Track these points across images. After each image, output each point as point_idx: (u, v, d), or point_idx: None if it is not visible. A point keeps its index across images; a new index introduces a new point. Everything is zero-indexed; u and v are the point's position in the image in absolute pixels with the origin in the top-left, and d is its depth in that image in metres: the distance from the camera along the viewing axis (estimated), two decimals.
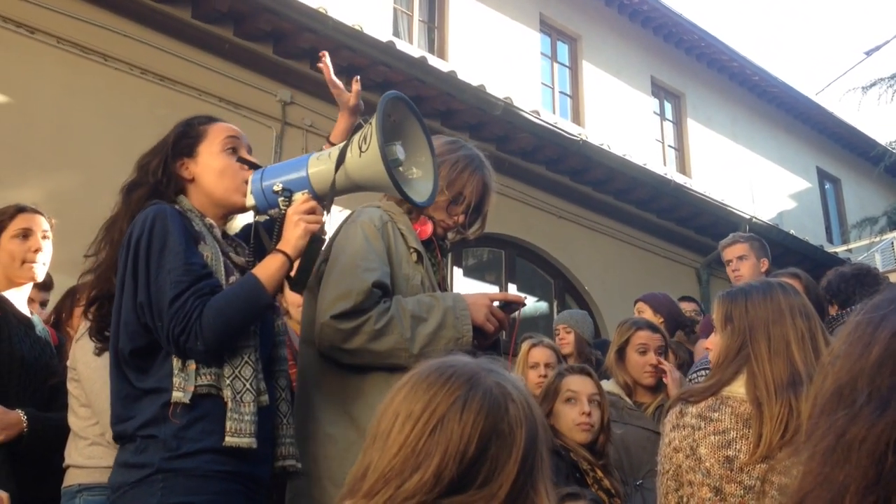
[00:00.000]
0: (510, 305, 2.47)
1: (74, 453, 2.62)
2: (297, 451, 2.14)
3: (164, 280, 1.90)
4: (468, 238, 2.68)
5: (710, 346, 2.30)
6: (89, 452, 2.59)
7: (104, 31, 5.71)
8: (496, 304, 2.42)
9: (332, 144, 2.49)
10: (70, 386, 2.71)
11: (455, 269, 7.65)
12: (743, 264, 4.41)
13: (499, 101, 7.38)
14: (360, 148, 1.97)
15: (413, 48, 8.02)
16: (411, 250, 2.44)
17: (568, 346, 4.77)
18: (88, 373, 2.64)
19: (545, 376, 3.80)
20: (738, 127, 12.50)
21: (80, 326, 2.83)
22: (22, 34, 5.38)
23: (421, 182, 2.13)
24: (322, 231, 2.06)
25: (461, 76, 7.24)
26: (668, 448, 2.15)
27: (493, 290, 7.97)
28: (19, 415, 2.60)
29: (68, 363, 2.78)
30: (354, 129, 2.03)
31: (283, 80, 6.53)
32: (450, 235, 2.65)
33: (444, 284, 2.59)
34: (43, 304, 3.54)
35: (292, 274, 2.10)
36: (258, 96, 6.32)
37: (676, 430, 2.15)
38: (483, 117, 7.45)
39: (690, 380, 3.47)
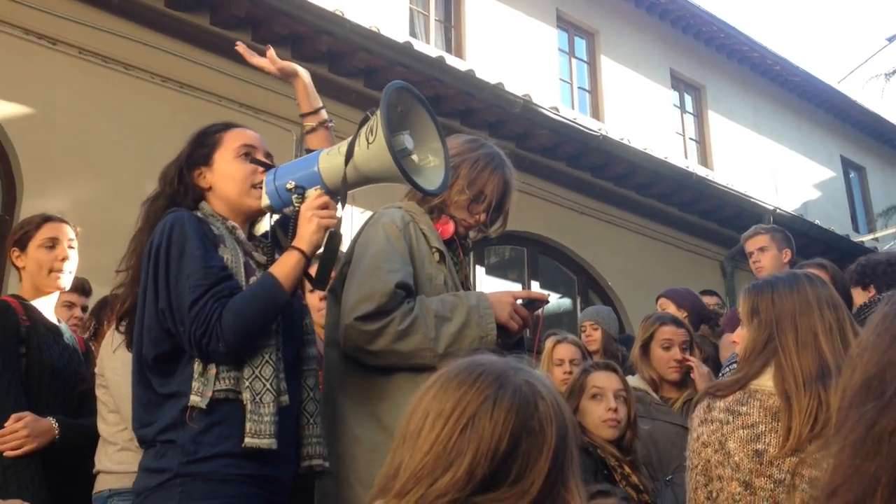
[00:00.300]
0: (534, 303, 2.47)
1: (104, 459, 2.65)
2: (325, 450, 2.14)
3: (184, 285, 1.92)
4: (490, 236, 2.67)
5: (737, 339, 2.28)
6: (119, 458, 2.62)
7: (125, 41, 5.76)
8: (520, 301, 2.42)
9: (303, 116, 2.51)
10: (98, 392, 2.74)
11: (477, 267, 7.65)
12: (764, 256, 4.38)
13: (517, 98, 7.36)
14: (367, 140, 1.98)
15: (430, 48, 8.02)
16: (433, 250, 2.45)
17: (595, 343, 4.75)
18: (116, 379, 2.67)
19: (570, 373, 3.78)
20: (760, 117, 12.39)
21: (107, 334, 2.87)
22: (44, 45, 5.44)
23: (434, 171, 2.13)
24: (338, 226, 2.06)
25: (479, 75, 7.23)
26: (697, 443, 2.14)
27: (516, 287, 7.96)
28: (51, 422, 2.63)
29: (96, 370, 2.81)
30: (362, 122, 2.03)
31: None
32: (472, 234, 2.64)
33: (467, 283, 2.59)
34: (84, 308, 3.60)
35: (312, 273, 2.11)
36: (277, 100, 6.33)
37: (704, 425, 2.13)
38: (502, 115, 7.44)
39: (723, 375, 3.44)
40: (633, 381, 3.38)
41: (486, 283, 7.63)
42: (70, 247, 2.91)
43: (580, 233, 8.43)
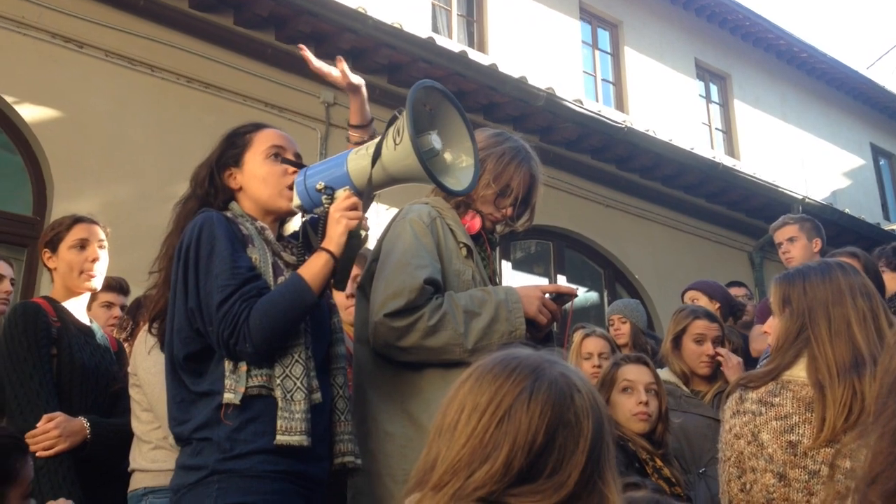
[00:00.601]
0: (562, 297, 2.46)
1: (139, 457, 2.68)
2: (356, 447, 2.15)
3: (212, 285, 1.94)
4: (517, 230, 2.66)
5: (768, 329, 2.25)
6: (153, 456, 2.65)
7: (150, 43, 5.81)
8: (548, 296, 2.41)
9: (353, 127, 2.50)
10: (132, 391, 2.77)
11: (503, 262, 7.64)
12: (793, 246, 4.33)
13: (541, 91, 7.33)
14: (394, 141, 1.97)
15: (453, 43, 8.01)
16: (461, 245, 2.44)
17: (623, 337, 4.72)
18: (149, 378, 2.69)
19: (599, 367, 3.77)
20: (788, 106, 12.25)
21: (140, 334, 2.89)
22: (71, 49, 5.51)
23: (464, 170, 2.12)
24: (362, 227, 2.06)
25: (502, 69, 7.21)
26: (729, 435, 2.12)
27: (543, 282, 7.94)
28: (82, 422, 2.65)
29: (129, 369, 2.84)
30: (390, 121, 2.03)
31: (325, 81, 6.56)
32: (498, 228, 2.64)
33: (494, 278, 2.59)
34: (123, 308, 3.63)
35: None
36: (302, 99, 6.38)
37: (737, 417, 2.11)
38: (526, 109, 7.41)
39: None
40: (662, 374, 3.36)
41: (513, 277, 7.62)
42: (100, 247, 2.94)
43: (606, 226, 8.39)
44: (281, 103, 6.24)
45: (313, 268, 2.00)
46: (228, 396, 1.90)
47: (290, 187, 2.16)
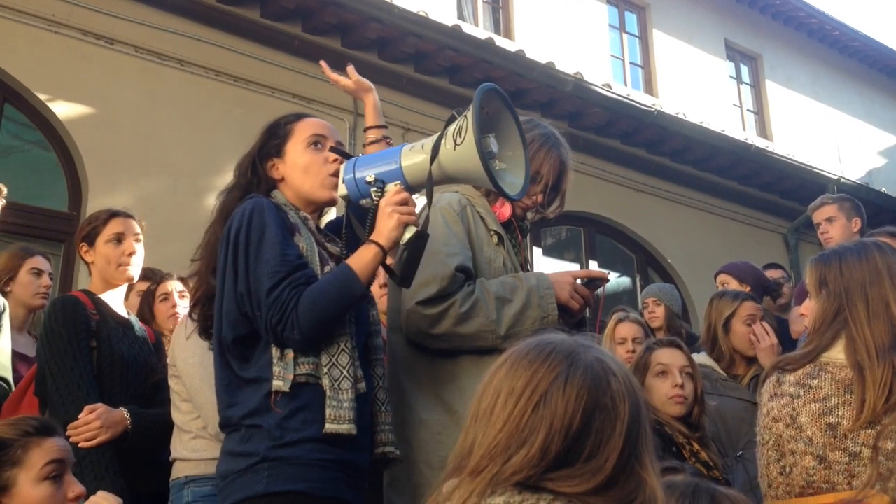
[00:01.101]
0: (594, 282, 2.46)
1: (179, 447, 2.72)
2: (394, 437, 2.17)
3: (262, 271, 1.95)
4: (548, 217, 2.66)
5: (805, 312, 2.23)
6: (193, 445, 2.68)
7: (179, 37, 5.86)
8: (579, 281, 2.41)
9: (372, 129, 2.57)
10: (171, 382, 2.80)
11: (534, 249, 7.62)
12: (832, 226, 4.27)
13: (569, 77, 7.28)
14: (454, 140, 1.97)
15: (479, 30, 7.99)
16: (491, 233, 2.45)
17: (658, 320, 4.70)
18: (188, 369, 2.72)
19: (633, 352, 3.75)
20: (820, 85, 12.05)
21: (178, 325, 2.93)
22: (102, 46, 5.57)
23: (512, 173, 2.11)
24: (425, 226, 2.07)
25: (529, 55, 7.17)
26: (767, 418, 2.10)
27: (574, 268, 7.91)
28: (123, 413, 2.69)
29: (168, 360, 2.87)
30: (448, 120, 2.03)
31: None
32: (529, 215, 2.64)
33: (526, 265, 2.59)
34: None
35: (393, 268, 2.13)
36: (330, 90, 6.29)
37: (775, 400, 2.09)
38: (554, 95, 7.37)
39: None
40: (698, 358, 3.35)
41: (544, 264, 7.60)
42: (136, 241, 2.97)
43: (637, 210, 8.33)
44: (309, 94, 6.26)
45: (362, 259, 2.00)
46: (278, 384, 1.92)
47: (333, 175, 2.17)
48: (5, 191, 3.52)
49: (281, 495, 1.88)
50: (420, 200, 2.12)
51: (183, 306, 3.38)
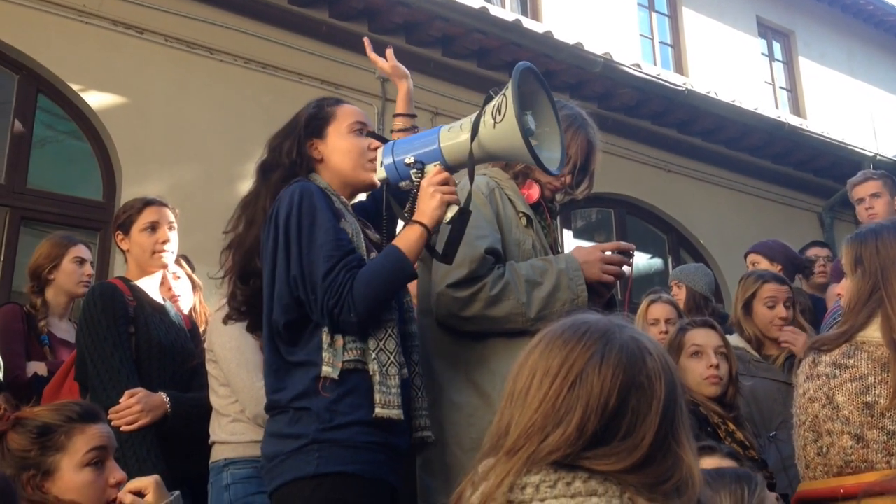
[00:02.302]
0: (622, 253, 2.45)
1: (218, 430, 2.76)
2: (430, 422, 2.19)
3: (316, 255, 1.98)
4: (577, 198, 2.66)
5: (842, 291, 2.20)
6: (232, 429, 2.72)
7: (208, 26, 5.89)
8: (607, 254, 2.41)
9: (401, 116, 2.58)
10: (209, 367, 2.84)
11: (564, 231, 7.59)
12: (877, 202, 4.20)
13: (598, 57, 7.22)
14: (493, 119, 1.99)
15: (506, 12, 7.93)
16: (520, 215, 2.45)
17: (679, 303, 4.66)
18: (224, 353, 2.76)
19: (666, 332, 3.73)
20: (855, 61, 11.82)
21: (215, 311, 2.97)
22: (132, 35, 5.61)
23: (548, 149, 2.13)
24: (467, 202, 2.08)
25: (557, 36, 7.11)
26: (803, 399, 2.08)
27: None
28: (162, 397, 2.73)
29: (206, 345, 2.92)
30: (486, 100, 2.04)
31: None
32: (558, 197, 2.63)
33: (555, 247, 2.59)
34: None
35: (436, 247, 2.14)
36: (357, 75, 6.39)
37: (810, 381, 2.07)
38: (583, 76, 7.31)
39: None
40: (731, 340, 3.32)
41: (575, 245, 7.55)
42: (170, 229, 3.02)
43: (668, 191, 8.25)
44: (337, 80, 6.27)
45: (409, 240, 2.02)
46: (327, 370, 1.95)
47: (373, 161, 2.19)
48: None
49: (331, 476, 1.91)
50: (458, 179, 2.14)
51: (179, 288, 3.38)
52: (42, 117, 5.46)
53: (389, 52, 2.65)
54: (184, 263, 3.46)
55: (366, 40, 2.72)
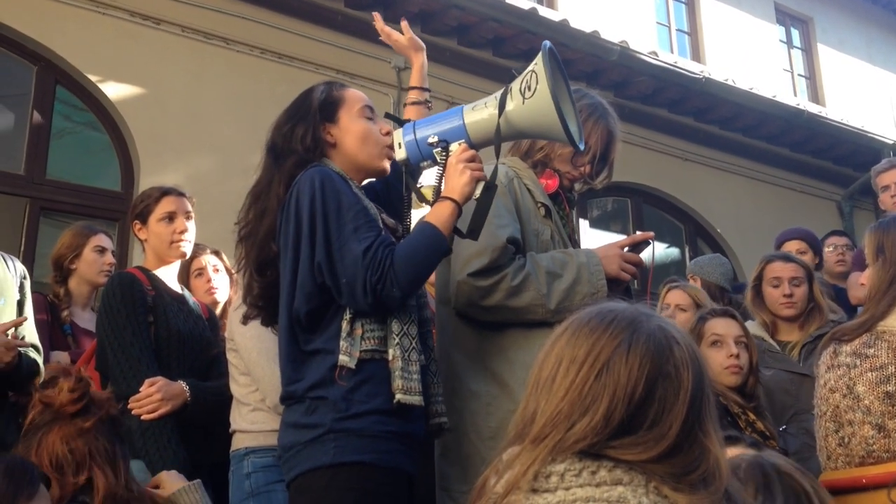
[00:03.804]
0: (639, 246, 2.44)
1: (239, 419, 2.77)
2: (445, 408, 2.19)
3: (349, 236, 1.96)
4: (596, 188, 2.65)
5: (865, 281, 2.19)
6: (252, 418, 2.73)
7: (224, 16, 5.90)
8: (626, 249, 2.40)
9: (415, 89, 2.59)
10: (229, 356, 2.85)
11: (580, 220, 7.56)
12: None
13: (614, 45, 7.17)
14: (522, 94, 1.98)
15: (522, 0, 7.89)
16: (539, 205, 2.44)
17: None
18: (245, 342, 2.76)
19: (671, 317, 3.72)
20: (875, 48, 11.69)
21: (236, 299, 2.98)
22: (149, 26, 5.63)
23: (573, 128, 2.13)
24: (493, 177, 2.07)
25: (573, 24, 7.07)
26: (824, 389, 2.08)
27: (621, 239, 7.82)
28: (182, 385, 2.75)
29: (226, 334, 2.92)
30: (510, 79, 2.04)
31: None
32: (577, 187, 2.63)
33: (574, 237, 2.58)
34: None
35: (459, 225, 2.13)
36: (373, 65, 6.38)
37: (831, 371, 2.07)
38: (599, 64, 7.27)
39: None
40: (749, 327, 3.30)
41: (591, 235, 7.53)
42: (188, 219, 3.03)
43: (685, 180, 8.21)
44: (352, 70, 6.27)
45: (441, 216, 2.01)
46: (344, 359, 1.94)
47: (388, 147, 2.19)
48: None
49: (347, 466, 1.91)
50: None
51: (218, 280, 3.42)
52: (60, 108, 5.49)
53: (404, 24, 2.65)
54: (223, 256, 3.48)
55: (376, 14, 2.71)
